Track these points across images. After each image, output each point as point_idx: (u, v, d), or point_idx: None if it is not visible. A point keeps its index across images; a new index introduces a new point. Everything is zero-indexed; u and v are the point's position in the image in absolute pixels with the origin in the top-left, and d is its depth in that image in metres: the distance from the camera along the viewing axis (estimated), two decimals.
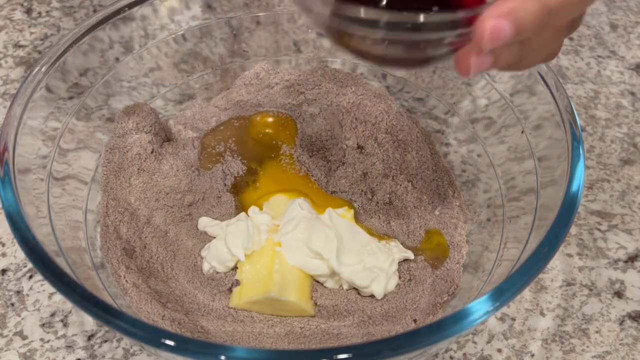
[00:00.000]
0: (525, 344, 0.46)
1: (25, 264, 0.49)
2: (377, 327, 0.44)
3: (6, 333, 0.45)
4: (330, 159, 0.52)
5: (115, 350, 0.45)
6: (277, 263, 0.45)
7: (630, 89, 0.62)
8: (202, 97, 0.57)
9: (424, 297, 0.45)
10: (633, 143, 0.58)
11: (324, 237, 0.45)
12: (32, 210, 0.40)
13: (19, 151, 0.42)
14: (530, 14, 0.28)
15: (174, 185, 0.49)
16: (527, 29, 0.28)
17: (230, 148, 0.53)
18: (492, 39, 0.28)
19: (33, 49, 0.64)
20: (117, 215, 0.47)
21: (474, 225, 0.49)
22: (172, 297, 0.45)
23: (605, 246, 0.51)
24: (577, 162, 0.40)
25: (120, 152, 0.49)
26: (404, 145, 0.52)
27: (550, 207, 0.40)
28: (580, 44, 0.66)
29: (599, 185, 0.55)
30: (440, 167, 0.52)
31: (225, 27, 0.56)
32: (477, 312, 0.34)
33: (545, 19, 0.29)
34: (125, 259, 0.45)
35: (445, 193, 0.51)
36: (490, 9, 0.28)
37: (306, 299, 0.45)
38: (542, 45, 0.31)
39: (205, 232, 0.48)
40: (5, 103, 0.60)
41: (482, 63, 0.30)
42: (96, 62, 0.50)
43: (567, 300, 0.48)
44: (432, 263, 0.47)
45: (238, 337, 0.43)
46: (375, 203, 0.50)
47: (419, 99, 0.56)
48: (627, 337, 0.46)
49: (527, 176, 0.45)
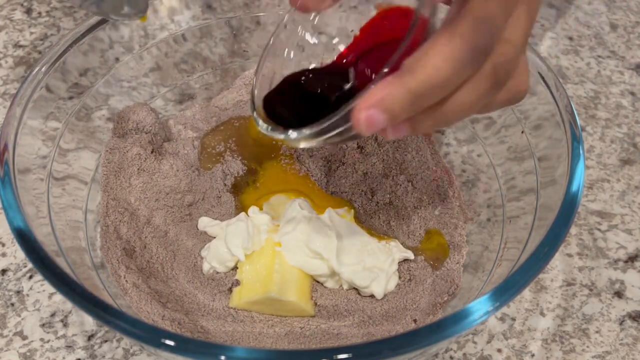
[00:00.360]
0: (525, 344, 0.46)
1: (25, 264, 0.49)
2: (377, 327, 0.44)
3: (6, 333, 0.45)
4: (330, 159, 0.52)
5: (115, 350, 0.45)
6: (277, 263, 0.45)
7: (630, 89, 0.62)
8: (202, 97, 0.57)
9: (424, 297, 0.45)
10: (633, 143, 0.58)
11: (324, 237, 0.45)
12: (32, 210, 0.40)
13: (19, 151, 0.42)
14: (398, 101, 0.30)
15: (174, 185, 0.49)
16: (399, 114, 0.31)
17: (230, 148, 0.53)
18: (368, 127, 0.31)
19: (33, 49, 0.64)
20: (117, 215, 0.47)
21: (474, 225, 0.49)
22: (172, 297, 0.45)
23: (605, 246, 0.51)
24: (577, 162, 0.40)
25: (120, 152, 0.49)
26: (404, 145, 0.52)
27: (550, 207, 0.40)
28: (580, 44, 0.66)
29: (599, 185, 0.55)
30: (440, 167, 0.52)
31: (225, 27, 0.56)
32: (477, 312, 0.34)
33: (416, 101, 0.31)
34: (125, 259, 0.45)
35: (445, 193, 0.51)
36: (362, 100, 0.31)
37: (306, 299, 0.45)
38: (463, 106, 0.32)
39: (205, 232, 0.48)
40: (5, 103, 0.59)
41: (399, 131, 0.33)
42: (96, 62, 0.50)
43: (567, 300, 0.48)
44: (432, 264, 0.47)
45: (238, 337, 0.43)
46: (375, 203, 0.50)
47: None
48: (627, 337, 0.46)
49: (527, 176, 0.45)
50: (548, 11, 0.69)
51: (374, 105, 0.31)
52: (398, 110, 0.31)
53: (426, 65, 0.30)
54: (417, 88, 0.30)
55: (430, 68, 0.30)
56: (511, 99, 0.35)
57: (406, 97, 0.30)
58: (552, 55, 0.65)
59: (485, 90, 0.32)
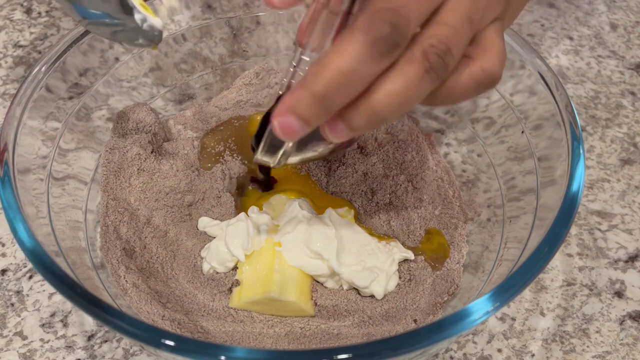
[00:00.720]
0: (525, 344, 0.46)
1: (25, 264, 0.49)
2: (377, 327, 0.44)
3: (6, 333, 0.45)
4: (330, 159, 0.52)
5: (115, 350, 0.45)
6: (277, 263, 0.45)
7: (631, 89, 0.62)
8: (202, 97, 0.57)
9: (424, 297, 0.45)
10: (633, 143, 0.58)
11: (324, 237, 0.45)
12: (32, 210, 0.40)
13: (18, 151, 0.42)
14: (306, 104, 0.31)
15: (173, 185, 0.49)
16: (310, 116, 0.32)
17: (230, 148, 0.53)
18: (285, 133, 0.32)
19: (33, 49, 0.64)
20: (117, 215, 0.47)
21: (474, 225, 0.49)
22: (172, 297, 0.45)
23: (605, 246, 0.51)
24: (577, 162, 0.40)
25: (120, 152, 0.49)
26: (404, 146, 0.52)
27: (550, 207, 0.40)
28: (580, 44, 0.66)
29: (599, 185, 0.55)
30: (440, 167, 0.52)
31: (225, 27, 0.56)
32: (477, 312, 0.34)
33: (325, 102, 0.31)
34: (125, 259, 0.45)
35: (445, 193, 0.51)
36: (276, 108, 0.32)
37: (306, 299, 0.45)
38: (394, 96, 0.32)
39: (205, 232, 0.48)
40: (5, 103, 0.59)
41: (336, 131, 0.33)
42: (96, 62, 0.50)
43: (567, 300, 0.48)
44: (433, 264, 0.47)
45: (238, 338, 0.43)
46: (375, 203, 0.50)
47: None
48: (628, 337, 0.46)
49: (527, 176, 0.45)
50: (548, 11, 0.69)
51: (286, 111, 0.32)
52: (308, 113, 0.32)
53: (328, 64, 0.31)
54: (321, 89, 0.31)
55: (332, 67, 0.31)
56: (479, 83, 0.34)
57: (312, 99, 0.31)
58: (552, 55, 0.65)
59: (417, 76, 0.31)
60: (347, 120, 0.33)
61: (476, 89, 0.34)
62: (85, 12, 0.40)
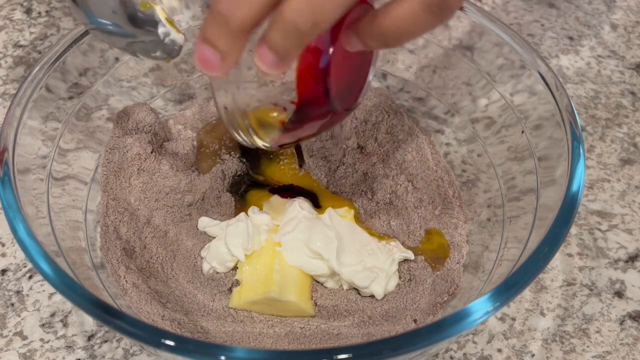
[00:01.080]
0: (525, 344, 0.46)
1: (25, 264, 0.49)
2: (377, 327, 0.44)
3: (6, 333, 0.45)
4: (330, 159, 0.52)
5: (115, 350, 0.45)
6: (277, 263, 0.45)
7: (631, 89, 0.62)
8: (202, 97, 0.57)
9: (424, 297, 0.45)
10: (633, 143, 0.58)
11: (324, 238, 0.45)
12: (32, 210, 0.40)
13: (18, 151, 0.42)
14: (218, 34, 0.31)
15: (173, 185, 0.49)
16: (222, 42, 0.31)
17: (227, 145, 0.53)
18: (200, 63, 0.32)
19: (33, 49, 0.64)
20: (117, 215, 0.47)
21: (474, 225, 0.49)
22: (172, 297, 0.45)
23: (605, 246, 0.51)
24: (577, 162, 0.40)
25: (120, 152, 0.49)
26: (404, 145, 0.52)
27: (550, 207, 0.40)
28: (580, 44, 0.66)
29: (599, 185, 0.55)
30: (440, 167, 0.52)
31: None
32: (478, 312, 0.34)
33: (228, 23, 0.30)
34: (125, 259, 0.45)
35: (445, 193, 0.51)
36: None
37: (306, 299, 0.45)
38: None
39: (205, 232, 0.48)
40: (5, 103, 0.59)
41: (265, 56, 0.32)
42: (96, 62, 0.50)
43: (567, 300, 0.48)
44: (433, 264, 0.47)
45: (238, 338, 0.43)
46: (375, 203, 0.50)
47: (419, 99, 0.56)
48: (628, 337, 0.46)
49: (527, 176, 0.45)
50: (548, 11, 0.69)
51: (202, 41, 0.31)
52: (222, 41, 0.31)
53: None
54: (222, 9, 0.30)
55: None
56: (427, 3, 0.32)
57: (216, 18, 0.31)
58: (552, 55, 0.65)
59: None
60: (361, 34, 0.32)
61: (426, 12, 0.32)
62: (95, 20, 0.39)
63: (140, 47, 0.41)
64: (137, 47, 0.41)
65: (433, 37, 0.53)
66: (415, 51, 0.55)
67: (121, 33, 0.40)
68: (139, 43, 0.40)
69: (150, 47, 0.40)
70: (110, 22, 0.39)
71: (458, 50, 0.52)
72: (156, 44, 0.40)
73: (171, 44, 0.40)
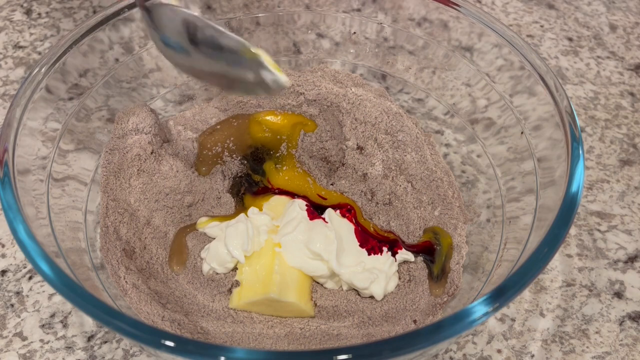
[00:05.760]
0: (525, 345, 0.46)
1: (25, 265, 0.49)
2: (377, 327, 0.44)
3: (6, 334, 0.45)
4: (330, 160, 0.52)
5: (115, 351, 0.45)
6: (276, 264, 0.45)
7: (630, 90, 0.62)
8: (202, 98, 0.57)
9: (423, 298, 0.45)
10: (633, 144, 0.58)
11: (324, 239, 0.45)
12: (32, 211, 0.40)
13: (18, 152, 0.42)
14: None
15: (173, 186, 0.49)
16: None
17: (229, 148, 0.53)
18: None
19: (33, 50, 0.64)
20: (116, 216, 0.47)
21: (474, 225, 0.49)
22: (171, 298, 0.45)
23: (605, 247, 0.51)
24: (577, 163, 0.40)
25: (120, 153, 0.49)
26: (403, 146, 0.52)
27: (550, 207, 0.40)
28: (579, 45, 0.66)
29: (599, 185, 0.55)
30: (440, 167, 0.52)
31: (224, 27, 0.56)
32: (477, 313, 0.34)
33: None
34: (125, 260, 0.45)
35: (445, 193, 0.51)
36: None
37: (306, 299, 0.45)
38: None
39: (204, 233, 0.48)
40: (5, 104, 0.59)
41: None
42: (96, 63, 0.50)
43: (566, 300, 0.48)
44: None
45: (238, 338, 0.43)
46: (375, 203, 0.50)
47: (418, 99, 0.56)
48: (627, 337, 0.46)
49: (527, 177, 0.45)
50: (548, 11, 0.70)
51: None
52: None
53: None
54: None
55: None
56: None
57: None
58: (552, 56, 0.65)
59: None
60: None
61: None
62: (206, 64, 0.40)
63: (243, 87, 0.42)
64: (240, 86, 0.42)
65: (433, 38, 0.53)
66: (414, 52, 0.55)
67: (225, 74, 0.41)
68: (242, 84, 0.41)
69: (252, 87, 0.41)
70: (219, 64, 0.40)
71: (457, 51, 0.52)
72: (259, 86, 0.41)
73: (276, 87, 0.40)
